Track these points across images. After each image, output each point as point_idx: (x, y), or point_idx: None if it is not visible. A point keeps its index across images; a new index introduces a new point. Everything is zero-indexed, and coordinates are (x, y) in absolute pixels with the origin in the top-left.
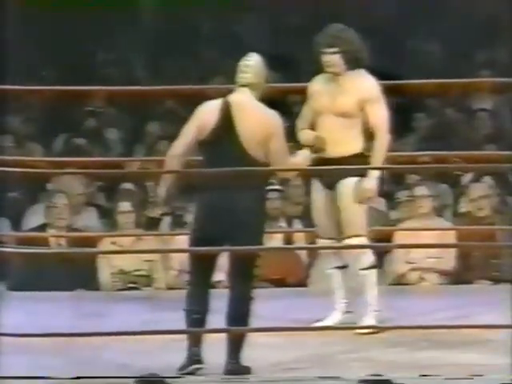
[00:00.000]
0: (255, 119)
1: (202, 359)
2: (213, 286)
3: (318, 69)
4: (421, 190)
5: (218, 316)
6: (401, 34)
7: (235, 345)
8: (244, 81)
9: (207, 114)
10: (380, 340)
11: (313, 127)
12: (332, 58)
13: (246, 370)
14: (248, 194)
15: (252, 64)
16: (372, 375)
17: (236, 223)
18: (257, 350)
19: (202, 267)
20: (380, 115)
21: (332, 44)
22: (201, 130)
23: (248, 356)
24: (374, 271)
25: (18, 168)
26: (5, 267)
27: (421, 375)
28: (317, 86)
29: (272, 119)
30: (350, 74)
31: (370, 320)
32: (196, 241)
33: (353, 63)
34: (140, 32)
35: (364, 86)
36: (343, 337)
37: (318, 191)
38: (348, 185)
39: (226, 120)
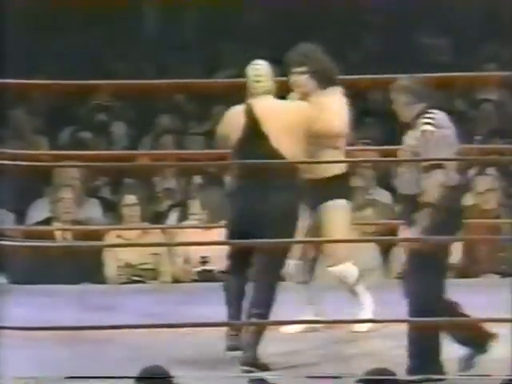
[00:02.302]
0: (285, 116)
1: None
2: (248, 279)
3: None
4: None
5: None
6: (407, 29)
7: (254, 337)
8: (261, 91)
9: (233, 119)
10: (384, 334)
11: None
12: (300, 78)
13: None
14: (281, 191)
15: (263, 72)
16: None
17: (267, 220)
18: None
19: (237, 260)
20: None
21: (301, 63)
22: (229, 135)
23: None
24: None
25: (23, 161)
26: (11, 261)
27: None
28: None
29: (303, 109)
30: (321, 93)
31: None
32: (230, 235)
33: (324, 82)
34: (145, 26)
35: (330, 108)
36: (345, 332)
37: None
38: (330, 210)
39: (252, 124)
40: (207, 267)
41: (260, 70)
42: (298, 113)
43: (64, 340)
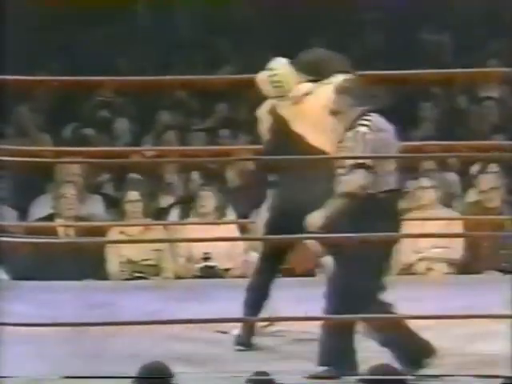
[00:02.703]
0: (311, 112)
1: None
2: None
3: None
4: (424, 182)
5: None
6: (410, 25)
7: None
8: (281, 93)
9: (262, 116)
10: None
11: None
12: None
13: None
14: (319, 186)
15: (281, 73)
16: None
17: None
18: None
19: (269, 259)
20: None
21: (309, 72)
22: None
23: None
24: None
25: (26, 158)
26: (13, 257)
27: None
28: None
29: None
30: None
31: None
32: (270, 230)
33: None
34: (147, 22)
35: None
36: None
37: None
38: None
39: (282, 126)
40: (209, 263)
41: (277, 72)
42: (321, 106)
43: (66, 336)
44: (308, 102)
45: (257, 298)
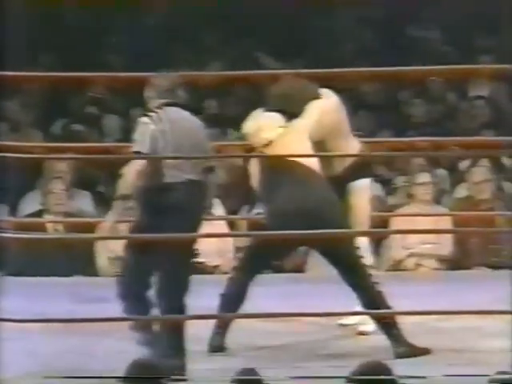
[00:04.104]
0: (296, 146)
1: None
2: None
3: None
4: (424, 177)
5: None
6: (400, 22)
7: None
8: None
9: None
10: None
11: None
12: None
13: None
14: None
15: (263, 126)
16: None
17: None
18: (249, 335)
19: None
20: None
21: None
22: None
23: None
24: None
25: (15, 153)
26: (2, 253)
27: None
28: None
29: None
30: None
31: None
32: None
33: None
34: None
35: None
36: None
37: None
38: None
39: (274, 167)
40: (198, 259)
41: (260, 124)
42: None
43: (56, 332)
44: (288, 139)
45: (235, 294)
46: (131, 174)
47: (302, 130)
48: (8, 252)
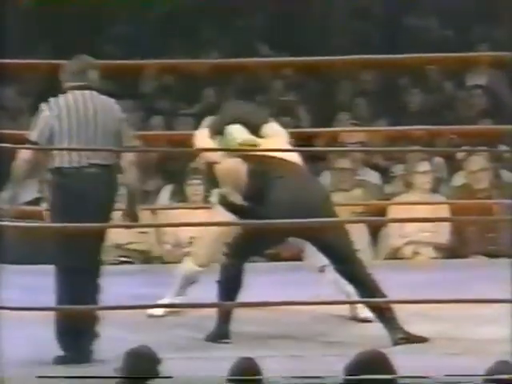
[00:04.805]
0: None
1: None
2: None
3: None
4: (424, 166)
5: None
6: (397, 10)
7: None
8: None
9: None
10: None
11: None
12: None
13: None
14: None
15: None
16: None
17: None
18: (243, 324)
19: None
20: None
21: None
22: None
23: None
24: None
25: (13, 142)
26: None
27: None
28: None
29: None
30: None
31: None
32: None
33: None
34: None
35: None
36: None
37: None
38: None
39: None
40: None
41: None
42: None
43: (50, 321)
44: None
45: (231, 280)
46: (18, 161)
47: (281, 133)
48: (5, 240)
